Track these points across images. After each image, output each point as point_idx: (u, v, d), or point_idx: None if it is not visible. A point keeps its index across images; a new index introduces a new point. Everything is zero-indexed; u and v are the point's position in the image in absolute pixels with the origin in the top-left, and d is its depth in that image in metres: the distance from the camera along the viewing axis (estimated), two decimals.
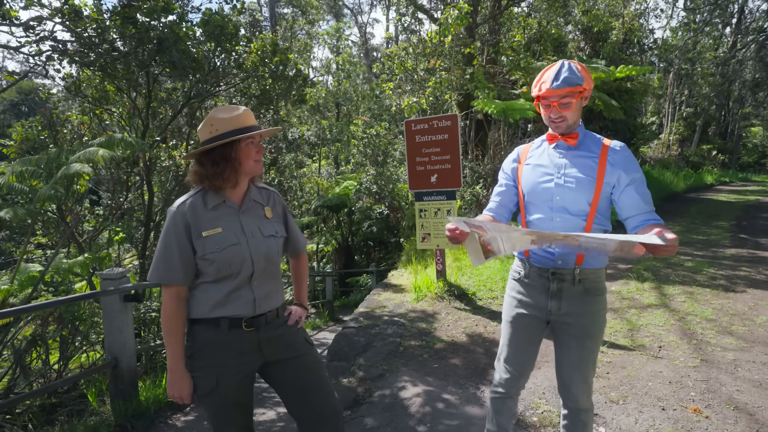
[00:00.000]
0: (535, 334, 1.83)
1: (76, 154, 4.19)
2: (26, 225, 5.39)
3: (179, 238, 1.50)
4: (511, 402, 1.94)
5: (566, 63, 1.66)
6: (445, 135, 5.05)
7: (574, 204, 1.67)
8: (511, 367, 1.88)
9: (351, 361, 3.82)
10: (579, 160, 1.69)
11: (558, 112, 1.66)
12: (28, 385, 3.75)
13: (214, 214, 1.55)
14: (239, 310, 1.55)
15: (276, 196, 1.77)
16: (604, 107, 10.07)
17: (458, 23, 7.77)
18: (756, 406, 2.77)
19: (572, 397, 1.80)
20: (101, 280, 3.14)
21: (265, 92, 6.64)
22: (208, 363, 1.54)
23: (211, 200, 1.56)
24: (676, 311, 4.55)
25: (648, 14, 23.13)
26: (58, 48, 4.46)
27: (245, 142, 1.56)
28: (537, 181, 1.74)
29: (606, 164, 1.65)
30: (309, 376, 1.68)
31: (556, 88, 1.62)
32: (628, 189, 1.64)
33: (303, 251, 1.90)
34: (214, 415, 1.59)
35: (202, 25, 5.44)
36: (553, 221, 1.70)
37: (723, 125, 27.83)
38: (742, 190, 17.43)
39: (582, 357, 1.74)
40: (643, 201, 1.62)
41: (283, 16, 26.07)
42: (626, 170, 1.64)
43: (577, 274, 1.70)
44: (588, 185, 1.65)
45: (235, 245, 1.53)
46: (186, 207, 1.53)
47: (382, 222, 12.57)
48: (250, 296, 1.57)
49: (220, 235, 1.53)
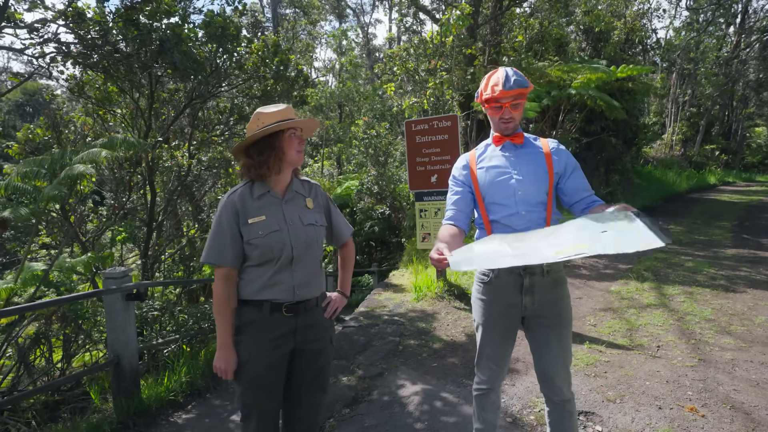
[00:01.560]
0: (511, 330, 1.91)
1: (79, 155, 4.23)
2: (30, 225, 5.44)
3: (229, 224, 1.66)
4: (494, 395, 1.99)
5: (510, 69, 1.79)
6: (445, 135, 5.08)
7: (535, 196, 1.80)
8: (494, 364, 1.94)
9: (350, 360, 3.85)
10: (529, 156, 1.85)
11: (509, 113, 1.79)
12: (32, 382, 3.79)
13: (259, 203, 1.70)
14: (280, 294, 1.69)
15: (318, 188, 1.90)
16: (606, 107, 10.05)
17: (460, 24, 7.78)
18: (752, 406, 2.78)
19: (557, 390, 1.85)
20: (104, 279, 3.18)
21: (267, 93, 6.66)
22: (247, 339, 1.69)
23: (257, 190, 1.72)
24: (675, 311, 4.56)
25: (651, 14, 23.06)
26: (61, 50, 4.51)
27: (288, 133, 1.71)
28: (497, 181, 1.84)
29: (552, 157, 1.84)
30: (313, 375, 1.82)
31: (509, 89, 1.74)
32: (574, 175, 1.84)
33: (348, 239, 2.00)
34: (242, 394, 1.71)
35: (203, 26, 5.48)
36: (520, 214, 1.80)
37: (726, 125, 27.67)
38: (746, 191, 17.36)
39: (561, 347, 1.83)
40: (584, 187, 1.83)
41: (285, 17, 26.12)
42: (568, 160, 1.85)
43: (545, 266, 1.80)
44: (543, 177, 1.81)
45: (276, 232, 1.67)
46: (236, 196, 1.69)
47: (383, 222, 12.58)
48: (290, 282, 1.70)
49: (264, 222, 1.67)
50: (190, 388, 3.47)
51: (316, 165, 18.36)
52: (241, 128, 7.30)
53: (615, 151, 12.56)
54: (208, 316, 4.66)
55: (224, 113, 7.01)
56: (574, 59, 11.58)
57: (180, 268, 6.56)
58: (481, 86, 1.84)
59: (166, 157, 6.13)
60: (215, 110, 7.19)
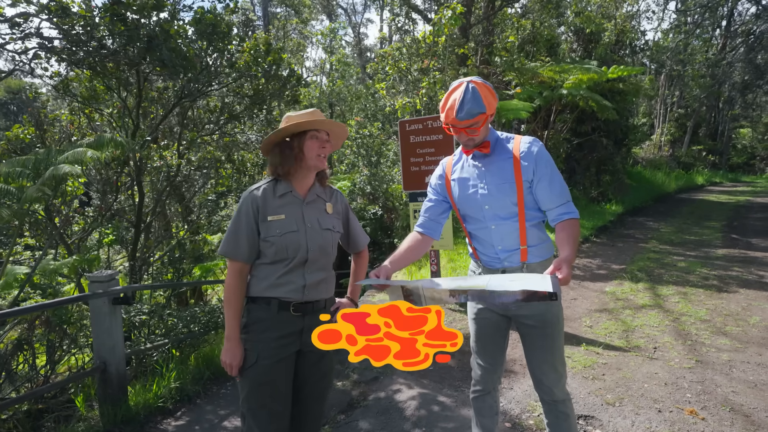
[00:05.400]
0: (499, 327, 1.89)
1: (64, 155, 4.10)
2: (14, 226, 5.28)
3: (248, 219, 1.66)
4: (491, 399, 1.97)
5: (470, 88, 1.69)
6: (439, 135, 5.02)
7: (503, 209, 1.75)
8: (483, 362, 1.93)
9: (345, 364, 3.77)
10: (495, 165, 1.78)
11: (465, 137, 1.75)
12: (14, 390, 3.66)
13: (280, 201, 1.70)
14: (289, 293, 1.67)
15: (339, 195, 1.91)
16: (598, 108, 10.10)
17: (452, 23, 7.75)
18: (752, 408, 2.76)
19: (546, 389, 1.83)
20: (90, 283, 3.08)
21: (258, 92, 6.56)
22: (253, 338, 1.67)
23: (280, 189, 1.72)
24: (670, 312, 4.56)
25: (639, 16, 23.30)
26: (44, 45, 4.37)
27: (310, 135, 1.70)
28: (466, 194, 1.82)
29: (520, 162, 1.73)
30: (315, 380, 1.79)
31: (461, 119, 1.69)
32: (541, 184, 1.72)
33: (363, 248, 2.00)
34: (248, 395, 1.67)
35: (194, 23, 5.36)
36: (490, 229, 1.79)
37: (713, 126, 28.08)
38: (733, 191, 17.60)
39: (546, 346, 1.79)
40: (554, 195, 1.72)
41: (275, 16, 25.93)
42: (537, 165, 1.72)
43: (524, 269, 1.77)
44: (509, 189, 1.73)
45: (294, 232, 1.67)
46: (259, 191, 1.69)
47: (375, 223, 12.51)
48: (300, 282, 1.69)
49: (283, 221, 1.67)
50: (179, 393, 3.36)
51: None
52: (231, 128, 7.19)
53: (606, 151, 12.65)
54: (198, 319, 4.55)
55: (214, 112, 6.89)
56: (565, 60, 11.63)
57: (169, 270, 6.42)
58: (441, 101, 1.78)
59: (154, 157, 5.99)
60: (205, 109, 7.07)
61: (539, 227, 1.81)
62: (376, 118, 12.32)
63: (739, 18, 24.90)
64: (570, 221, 1.69)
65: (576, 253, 1.63)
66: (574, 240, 1.64)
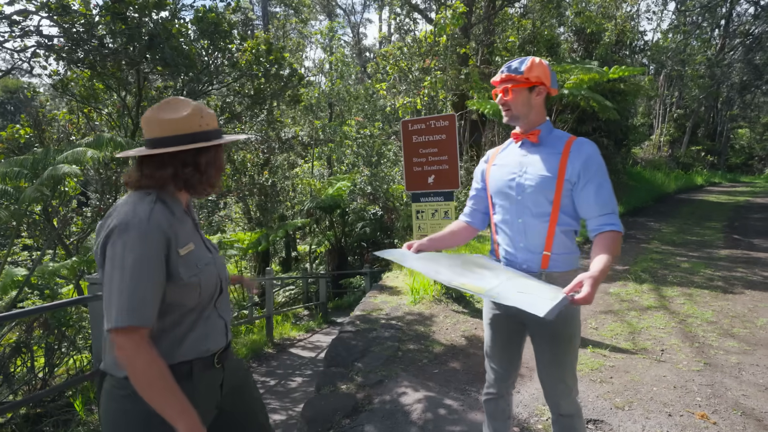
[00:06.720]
0: (514, 333, 1.83)
1: (63, 155, 4.05)
2: (11, 227, 5.22)
3: (155, 262, 1.11)
4: (504, 403, 1.92)
5: (528, 58, 1.67)
6: (442, 135, 4.98)
7: (536, 204, 1.64)
8: (497, 366, 1.88)
9: (349, 367, 3.72)
10: (541, 156, 1.67)
11: (501, 98, 1.68)
12: (12, 393, 3.60)
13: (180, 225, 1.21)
14: (213, 343, 1.25)
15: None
16: (599, 108, 10.07)
17: (453, 23, 7.72)
18: (763, 412, 2.72)
19: (553, 402, 1.77)
20: (89, 285, 3.02)
21: (259, 91, 6.52)
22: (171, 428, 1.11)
23: (176, 207, 1.22)
24: (676, 313, 4.52)
25: (639, 16, 23.32)
26: (43, 43, 4.31)
27: None
28: (502, 180, 1.74)
29: (567, 161, 1.61)
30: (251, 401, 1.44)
31: (499, 74, 1.68)
32: (586, 189, 1.59)
33: None
34: None
35: (195, 22, 5.31)
36: (517, 223, 1.70)
37: (712, 127, 28.16)
38: (732, 191, 17.62)
39: (555, 360, 1.70)
40: (600, 202, 1.57)
41: (275, 15, 25.86)
42: (586, 167, 1.59)
43: (543, 278, 1.65)
44: (548, 183, 1.61)
45: (209, 264, 1.25)
46: (161, 217, 1.14)
47: (375, 223, 12.48)
48: (221, 323, 1.29)
49: (195, 252, 1.22)
50: None
51: (307, 165, 18.15)
52: (232, 127, 7.14)
53: (606, 151, 12.62)
54: None
55: (215, 112, 6.84)
56: (566, 60, 11.61)
57: None
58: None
59: None
60: None
61: (569, 236, 1.67)
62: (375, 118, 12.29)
63: (737, 19, 24.95)
64: (611, 233, 1.52)
65: (608, 271, 1.43)
66: (611, 255, 1.45)
